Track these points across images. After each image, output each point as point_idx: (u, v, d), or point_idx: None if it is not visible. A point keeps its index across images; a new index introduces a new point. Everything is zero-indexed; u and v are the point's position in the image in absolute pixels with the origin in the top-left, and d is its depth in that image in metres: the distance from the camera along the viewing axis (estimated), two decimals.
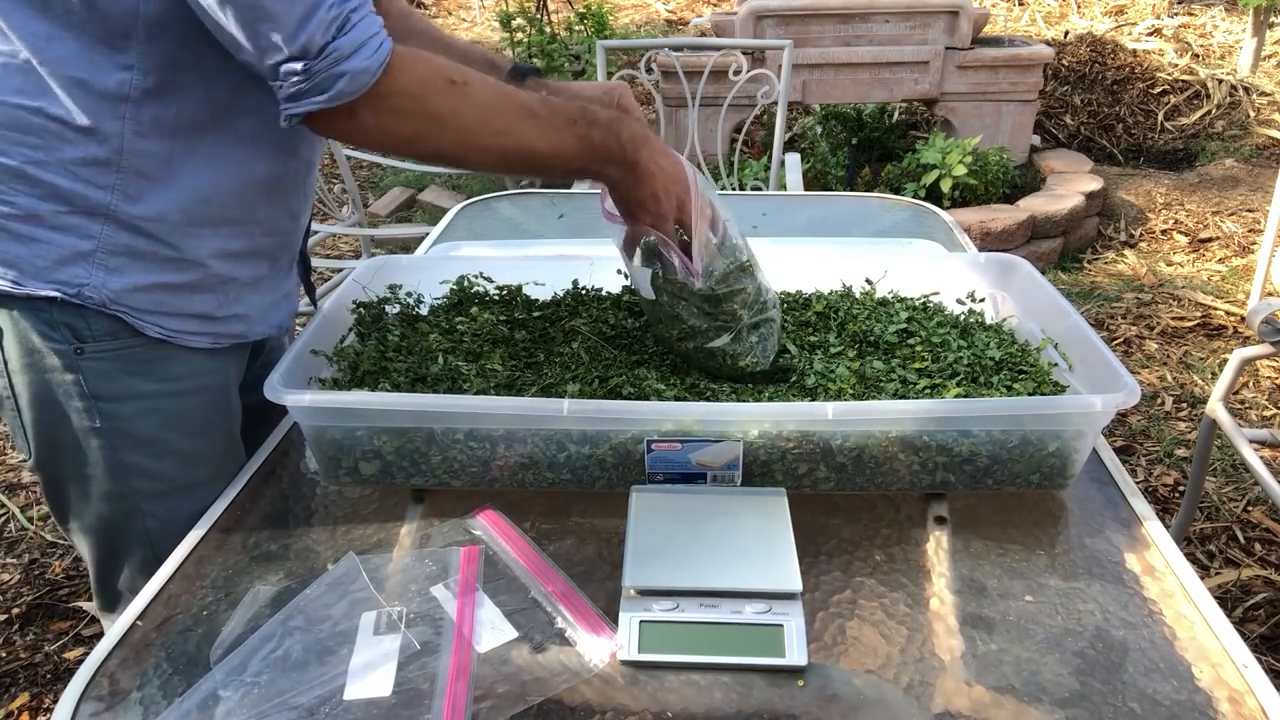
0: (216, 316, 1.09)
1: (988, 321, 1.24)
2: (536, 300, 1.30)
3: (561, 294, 1.31)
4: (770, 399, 1.07)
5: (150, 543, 1.11)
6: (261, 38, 0.86)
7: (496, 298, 1.30)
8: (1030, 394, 1.05)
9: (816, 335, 1.20)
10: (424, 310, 1.28)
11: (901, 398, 1.05)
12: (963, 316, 1.24)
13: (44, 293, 0.98)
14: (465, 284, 1.31)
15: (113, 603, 1.18)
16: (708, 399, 1.08)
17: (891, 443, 1.00)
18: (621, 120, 1.01)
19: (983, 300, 1.27)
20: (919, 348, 1.14)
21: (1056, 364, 1.12)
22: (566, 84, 1.18)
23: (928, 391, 1.06)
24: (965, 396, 1.04)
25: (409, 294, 1.29)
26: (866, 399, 1.06)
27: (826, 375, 1.10)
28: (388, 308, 1.27)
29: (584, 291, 1.32)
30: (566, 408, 0.96)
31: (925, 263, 1.42)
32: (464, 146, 0.97)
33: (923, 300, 1.27)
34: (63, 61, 0.92)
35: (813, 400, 1.05)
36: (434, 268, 1.37)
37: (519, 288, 1.31)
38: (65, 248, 0.98)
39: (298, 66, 0.86)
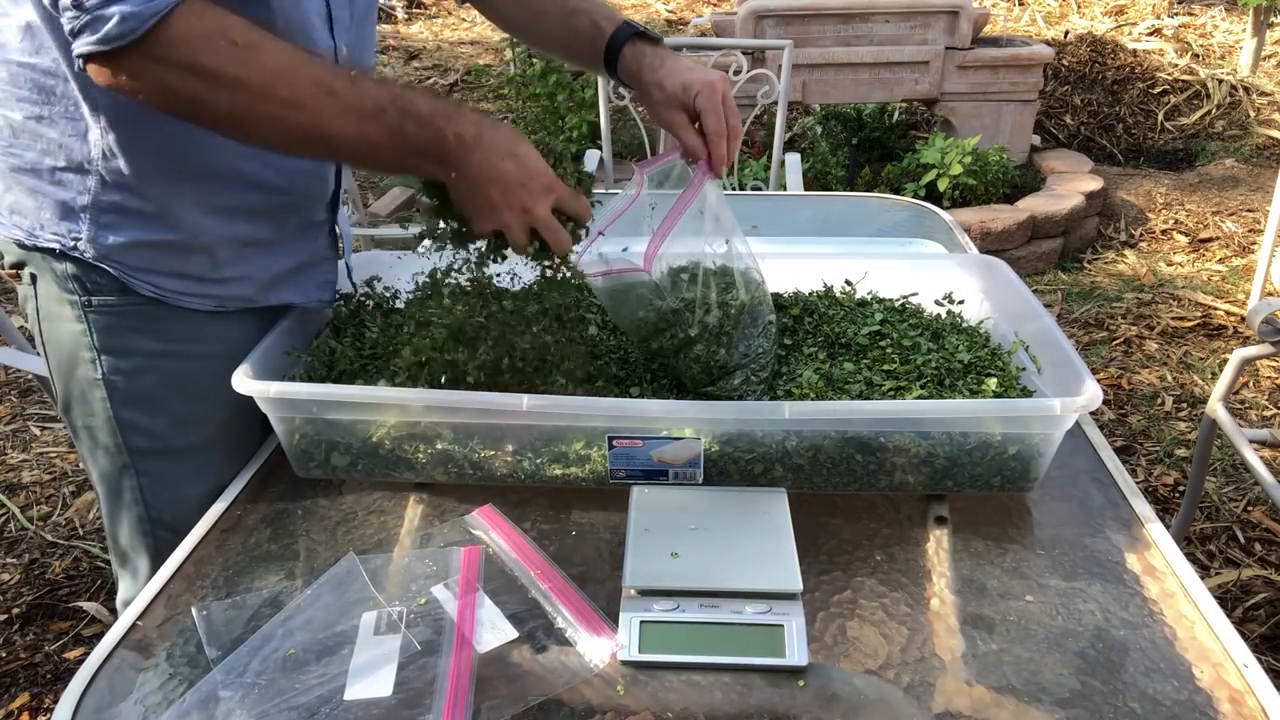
0: (211, 279, 1.08)
1: (969, 323, 1.23)
2: (506, 289, 1.29)
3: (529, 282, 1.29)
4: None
5: (144, 501, 1.13)
6: None
7: (468, 288, 1.29)
8: (994, 397, 1.05)
9: (792, 338, 1.20)
10: (399, 305, 1.27)
11: (865, 399, 1.05)
12: (940, 317, 1.23)
13: (47, 244, 1.01)
14: (437, 275, 1.30)
15: (122, 558, 1.20)
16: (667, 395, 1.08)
17: (847, 443, 1.00)
18: (455, 114, 0.92)
19: (961, 302, 1.26)
20: (889, 350, 1.13)
21: (1025, 368, 1.12)
22: (670, 59, 1.08)
23: (892, 393, 1.05)
24: (927, 399, 1.03)
25: (387, 288, 1.28)
26: (829, 400, 1.05)
27: (791, 379, 1.10)
28: (366, 301, 1.26)
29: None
30: (526, 403, 0.97)
31: (909, 264, 1.41)
32: (243, 112, 0.87)
33: (901, 301, 1.26)
34: (51, 16, 0.90)
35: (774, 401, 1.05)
36: (417, 264, 1.35)
37: (490, 277, 1.30)
38: (63, 201, 1.00)
39: (68, 0, 0.81)
